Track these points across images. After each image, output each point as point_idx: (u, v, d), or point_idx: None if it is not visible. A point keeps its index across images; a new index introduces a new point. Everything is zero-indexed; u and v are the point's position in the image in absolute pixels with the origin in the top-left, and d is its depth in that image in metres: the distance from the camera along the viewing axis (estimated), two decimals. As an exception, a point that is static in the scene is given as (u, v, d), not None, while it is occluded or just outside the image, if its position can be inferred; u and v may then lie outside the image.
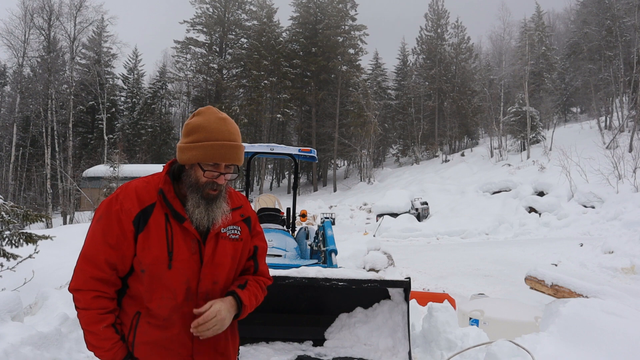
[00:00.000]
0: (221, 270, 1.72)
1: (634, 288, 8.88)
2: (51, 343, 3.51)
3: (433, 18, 49.20)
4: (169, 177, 1.70)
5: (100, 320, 1.62)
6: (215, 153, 1.62)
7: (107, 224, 1.61)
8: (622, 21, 33.59)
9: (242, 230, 1.80)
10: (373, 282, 3.45)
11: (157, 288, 1.63)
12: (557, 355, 3.08)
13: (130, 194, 1.65)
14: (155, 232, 1.62)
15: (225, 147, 1.63)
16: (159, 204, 1.65)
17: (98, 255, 1.61)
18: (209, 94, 46.95)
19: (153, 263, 1.61)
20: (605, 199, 18.98)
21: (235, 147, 1.65)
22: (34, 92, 34.34)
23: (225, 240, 1.73)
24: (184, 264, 1.64)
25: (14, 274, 6.14)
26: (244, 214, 1.83)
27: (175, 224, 1.64)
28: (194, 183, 1.65)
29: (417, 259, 12.95)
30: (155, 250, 1.61)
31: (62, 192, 30.45)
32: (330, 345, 3.54)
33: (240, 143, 1.69)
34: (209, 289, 1.69)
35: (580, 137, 29.67)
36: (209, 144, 1.61)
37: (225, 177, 1.67)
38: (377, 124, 41.64)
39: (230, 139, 1.64)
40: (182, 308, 1.66)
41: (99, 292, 1.62)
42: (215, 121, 1.64)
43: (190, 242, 1.66)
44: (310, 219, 23.03)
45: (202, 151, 1.61)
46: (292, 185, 11.59)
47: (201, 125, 1.64)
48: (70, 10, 33.66)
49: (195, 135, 1.63)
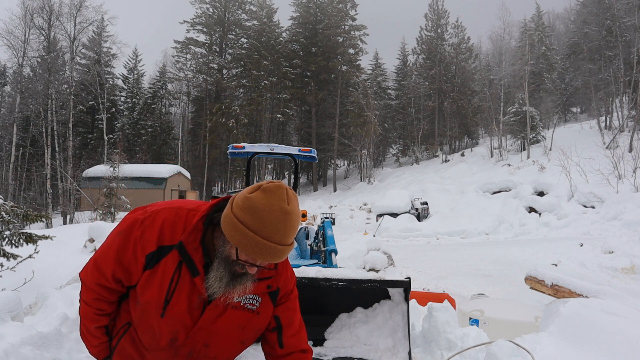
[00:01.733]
0: (219, 337, 1.61)
1: (634, 288, 8.87)
2: (51, 343, 3.51)
3: (433, 18, 49.22)
4: (201, 225, 1.53)
5: (95, 319, 1.66)
6: (261, 252, 1.39)
7: (124, 244, 1.56)
8: (622, 21, 33.59)
9: (262, 302, 1.63)
10: (373, 282, 3.45)
11: (144, 324, 1.61)
12: (557, 355, 3.08)
13: (156, 226, 1.54)
14: (161, 276, 1.53)
15: (274, 251, 1.40)
16: (179, 249, 1.53)
17: (107, 268, 1.58)
18: (209, 94, 46.96)
19: (148, 302, 1.55)
20: (605, 199, 18.98)
21: (284, 251, 1.43)
22: (34, 92, 34.34)
23: (237, 310, 1.60)
24: (178, 316, 1.55)
25: (14, 274, 6.14)
26: (271, 286, 1.65)
27: (186, 274, 1.53)
28: (225, 257, 1.49)
29: (417, 259, 12.95)
30: (153, 292, 1.53)
31: (62, 192, 30.45)
32: (330, 345, 3.54)
33: (293, 242, 1.46)
34: (196, 349, 1.63)
35: (580, 137, 29.67)
36: (257, 240, 1.38)
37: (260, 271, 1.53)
38: (377, 124, 41.65)
39: (283, 242, 1.40)
40: (163, 351, 1.63)
41: (101, 295, 1.63)
42: (278, 214, 1.38)
43: (194, 298, 1.55)
44: (310, 219, 23.03)
45: (246, 241, 1.39)
46: (292, 185, 11.57)
47: (262, 212, 1.38)
48: (70, 10, 33.68)
49: (250, 217, 1.38)
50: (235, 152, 6.03)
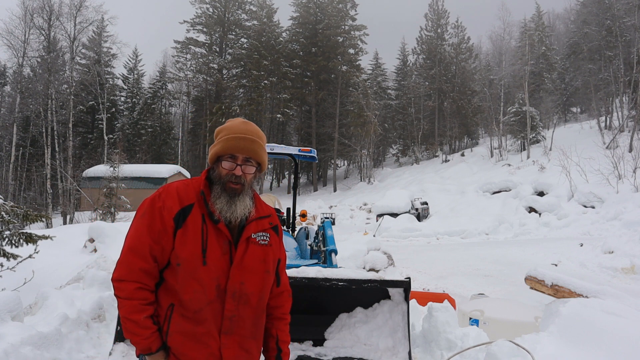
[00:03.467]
0: (249, 272, 1.82)
1: (634, 288, 8.88)
2: (51, 343, 3.51)
3: (433, 18, 49.22)
4: (207, 182, 1.86)
5: (142, 310, 1.74)
6: (232, 145, 1.80)
7: (151, 219, 1.76)
8: (622, 21, 33.59)
9: (271, 237, 1.93)
10: (373, 282, 3.45)
11: (190, 282, 1.75)
12: (557, 355, 3.08)
13: (172, 193, 1.81)
14: (192, 230, 1.76)
15: (241, 139, 1.80)
16: (197, 204, 1.80)
17: (143, 247, 1.74)
18: (209, 94, 46.96)
19: (188, 258, 1.73)
20: (605, 199, 18.97)
21: (250, 140, 1.82)
22: (34, 92, 34.32)
23: (256, 245, 1.86)
24: (216, 262, 1.76)
25: (14, 274, 6.14)
26: (272, 222, 1.97)
27: (211, 224, 1.78)
28: (217, 177, 1.82)
29: (417, 259, 12.95)
30: (190, 246, 1.74)
31: (62, 192, 30.44)
32: (330, 345, 3.54)
33: (260, 141, 1.85)
34: (236, 289, 1.80)
35: (580, 137, 29.67)
36: (226, 137, 1.81)
37: (243, 169, 1.81)
38: (377, 124, 41.64)
39: (246, 133, 1.82)
40: (212, 303, 1.77)
41: (142, 283, 1.75)
42: (238, 123, 1.86)
43: (222, 243, 1.79)
44: (310, 219, 23.04)
45: (220, 145, 1.82)
46: (292, 185, 11.56)
47: (225, 126, 1.86)
48: (70, 10, 33.65)
49: (218, 135, 1.86)
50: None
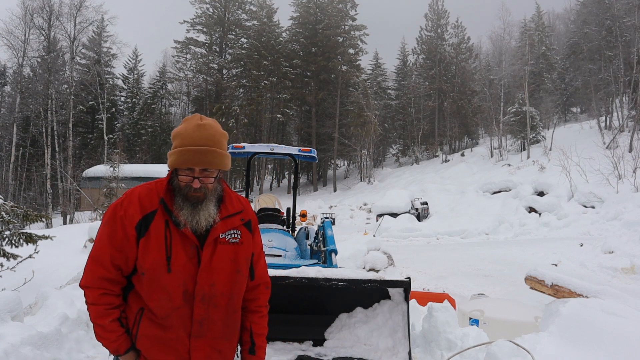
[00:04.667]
0: (219, 273, 1.79)
1: (634, 288, 8.88)
2: (51, 343, 3.51)
3: (433, 18, 49.20)
4: (170, 186, 1.80)
5: (107, 314, 1.75)
6: (187, 158, 1.71)
7: (113, 228, 1.74)
8: (622, 21, 33.58)
9: (242, 234, 1.87)
10: (373, 282, 3.45)
11: (155, 290, 1.73)
12: (557, 355, 3.08)
13: (134, 200, 1.76)
14: (155, 238, 1.72)
15: (196, 152, 1.71)
16: (160, 211, 1.75)
17: (104, 257, 1.74)
18: (209, 94, 46.95)
19: (152, 267, 1.71)
20: (605, 199, 18.97)
21: (206, 152, 1.72)
22: (34, 92, 34.34)
23: (225, 245, 1.81)
24: (182, 267, 1.73)
25: (14, 274, 6.14)
26: (244, 218, 1.90)
27: (175, 230, 1.74)
28: (177, 187, 1.77)
29: (417, 259, 12.95)
30: (154, 254, 1.71)
31: (62, 192, 30.46)
32: (330, 345, 3.54)
33: (217, 149, 1.75)
34: (205, 292, 1.77)
35: (580, 137, 29.66)
36: (180, 150, 1.72)
37: (201, 180, 1.74)
38: (377, 124, 41.63)
39: (202, 144, 1.71)
40: (180, 309, 1.75)
41: (105, 289, 1.75)
42: (192, 128, 1.73)
43: (188, 248, 1.75)
44: (310, 219, 23.03)
45: (176, 157, 1.73)
46: (292, 185, 11.56)
47: (180, 132, 1.76)
48: (70, 10, 33.66)
49: (175, 142, 1.76)
50: (235, 152, 6.04)
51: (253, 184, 43.87)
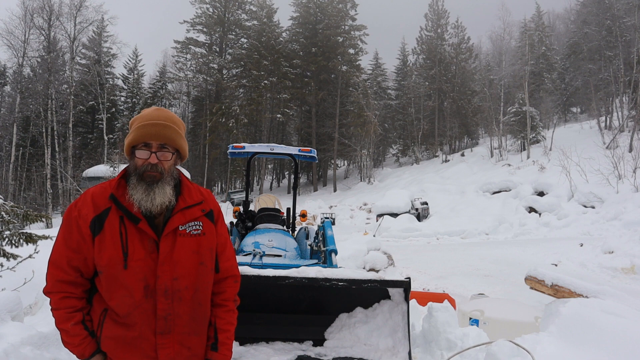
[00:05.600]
0: (181, 266, 1.74)
1: (634, 288, 8.88)
2: (51, 343, 3.51)
3: (433, 18, 49.20)
4: (123, 181, 1.77)
5: (69, 318, 1.73)
6: (144, 132, 1.72)
7: (68, 230, 1.73)
8: (622, 21, 33.59)
9: (204, 224, 1.83)
10: (373, 282, 3.44)
11: (114, 288, 1.70)
12: (557, 355, 3.08)
13: (87, 200, 1.74)
14: (110, 234, 1.69)
15: (153, 125, 1.72)
16: (113, 207, 1.72)
17: (61, 260, 1.73)
18: (209, 94, 46.94)
19: (108, 264, 1.68)
20: (605, 199, 18.98)
21: (163, 125, 1.74)
22: (34, 92, 34.34)
23: (185, 237, 1.77)
24: (140, 262, 1.69)
25: (14, 274, 6.13)
26: (205, 209, 1.86)
27: (131, 225, 1.71)
28: (133, 168, 1.75)
29: (417, 259, 12.95)
30: (109, 251, 1.68)
31: (62, 192, 30.48)
32: (330, 345, 3.54)
33: (175, 127, 1.77)
34: (168, 286, 1.72)
35: (580, 137, 29.67)
36: (138, 125, 1.74)
37: (158, 156, 1.73)
38: (377, 124, 41.63)
39: (158, 119, 1.74)
40: (142, 305, 1.71)
41: (65, 293, 1.73)
42: (150, 110, 1.79)
43: (147, 242, 1.71)
44: (310, 219, 23.03)
45: (133, 134, 1.74)
46: (292, 185, 11.58)
47: (138, 116, 1.80)
48: (70, 10, 33.70)
49: (132, 126, 1.78)
50: (236, 152, 6.04)
51: (253, 184, 43.87)
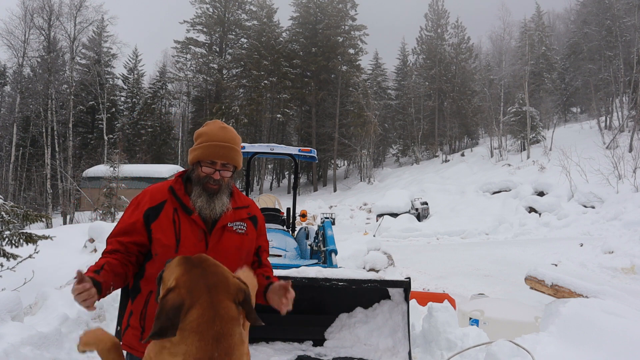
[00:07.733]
0: (224, 257, 1.90)
1: (634, 288, 8.88)
2: (51, 343, 3.51)
3: (433, 18, 49.19)
4: (181, 179, 2.06)
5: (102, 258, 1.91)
6: (211, 152, 1.97)
7: (129, 214, 2.03)
8: (622, 21, 33.58)
9: (247, 226, 2.11)
10: (373, 282, 3.45)
11: None
12: (557, 355, 3.08)
13: (147, 193, 2.06)
14: (165, 223, 1.95)
15: (220, 147, 1.98)
16: (169, 200, 1.99)
17: (114, 236, 2.00)
18: (209, 94, 46.94)
19: (163, 248, 1.93)
20: (605, 199, 18.98)
21: (228, 148, 2.00)
22: (34, 92, 34.33)
23: (232, 233, 2.04)
24: (190, 249, 1.91)
25: (14, 274, 6.14)
26: (250, 213, 2.16)
27: (184, 216, 1.97)
28: (197, 178, 2.00)
29: (417, 259, 12.95)
30: (164, 238, 1.93)
31: (62, 192, 30.46)
32: (330, 345, 3.54)
33: (237, 147, 2.04)
34: None
35: (580, 137, 29.67)
36: (207, 144, 1.98)
37: (221, 173, 1.99)
38: (377, 124, 41.63)
39: (225, 141, 2.00)
40: None
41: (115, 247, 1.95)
42: (217, 129, 2.02)
43: (197, 232, 1.97)
44: (310, 219, 23.03)
45: (200, 151, 1.99)
46: (292, 185, 11.58)
47: (204, 132, 2.03)
48: (70, 10, 33.62)
49: (199, 139, 2.02)
50: (235, 152, 6.03)
51: (253, 184, 43.85)
